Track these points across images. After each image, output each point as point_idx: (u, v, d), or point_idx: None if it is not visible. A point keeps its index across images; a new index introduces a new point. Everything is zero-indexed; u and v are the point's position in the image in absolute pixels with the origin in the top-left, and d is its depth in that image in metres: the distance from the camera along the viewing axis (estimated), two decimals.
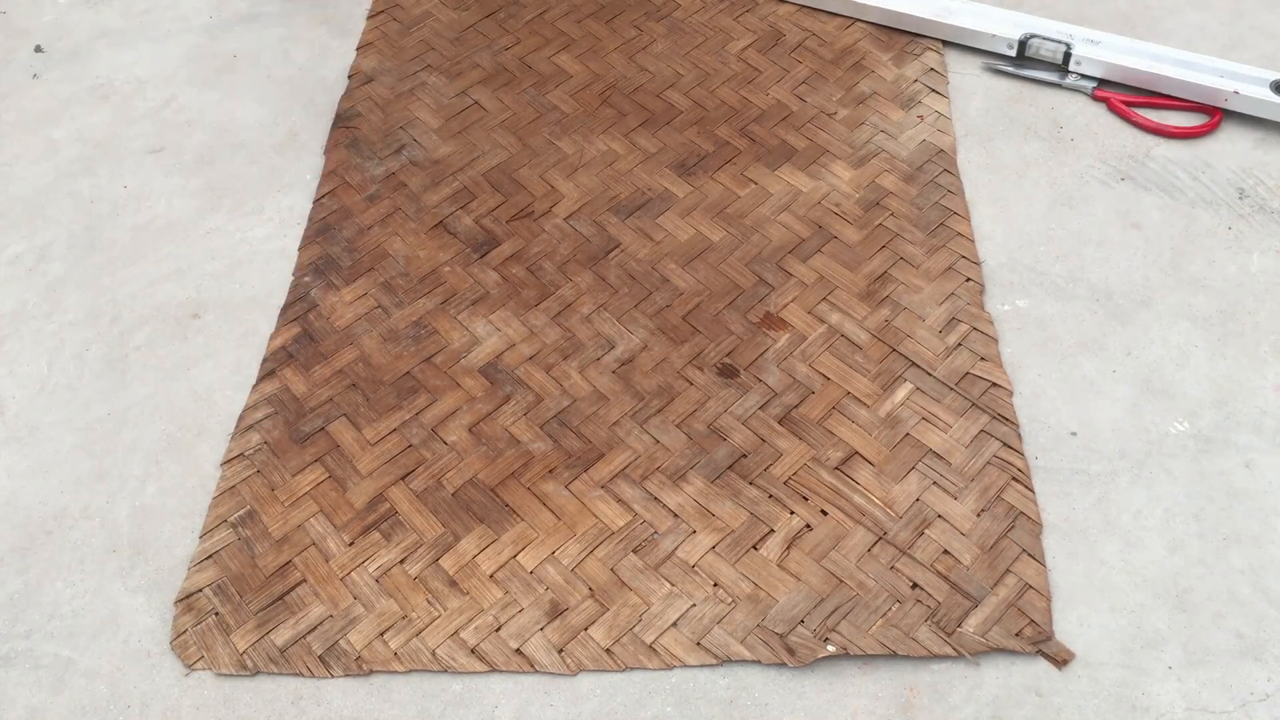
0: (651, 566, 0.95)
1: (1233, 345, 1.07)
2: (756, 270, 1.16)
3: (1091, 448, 1.01)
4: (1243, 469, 0.98)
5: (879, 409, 1.05)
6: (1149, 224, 1.18)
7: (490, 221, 1.23)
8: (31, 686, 0.92)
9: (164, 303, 1.19)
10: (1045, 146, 1.27)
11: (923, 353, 1.08)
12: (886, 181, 1.23)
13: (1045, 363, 1.07)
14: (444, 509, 1.00)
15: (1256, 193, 1.20)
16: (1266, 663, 0.87)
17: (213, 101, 1.42)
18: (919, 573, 0.94)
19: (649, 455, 1.03)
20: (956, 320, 1.11)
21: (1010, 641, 0.89)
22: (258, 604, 0.94)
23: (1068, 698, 0.86)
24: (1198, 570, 0.92)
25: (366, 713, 0.88)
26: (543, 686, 0.89)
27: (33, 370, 1.14)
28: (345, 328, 1.14)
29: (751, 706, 0.87)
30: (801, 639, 0.90)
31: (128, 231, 1.27)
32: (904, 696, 0.87)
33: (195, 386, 1.11)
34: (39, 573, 0.99)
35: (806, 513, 0.98)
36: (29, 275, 1.23)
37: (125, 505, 1.03)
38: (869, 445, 1.02)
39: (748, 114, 1.32)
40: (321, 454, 1.04)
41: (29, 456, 1.07)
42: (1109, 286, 1.13)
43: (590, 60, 1.40)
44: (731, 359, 1.09)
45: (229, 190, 1.30)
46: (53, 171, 1.34)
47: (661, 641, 0.91)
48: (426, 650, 0.91)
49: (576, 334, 1.12)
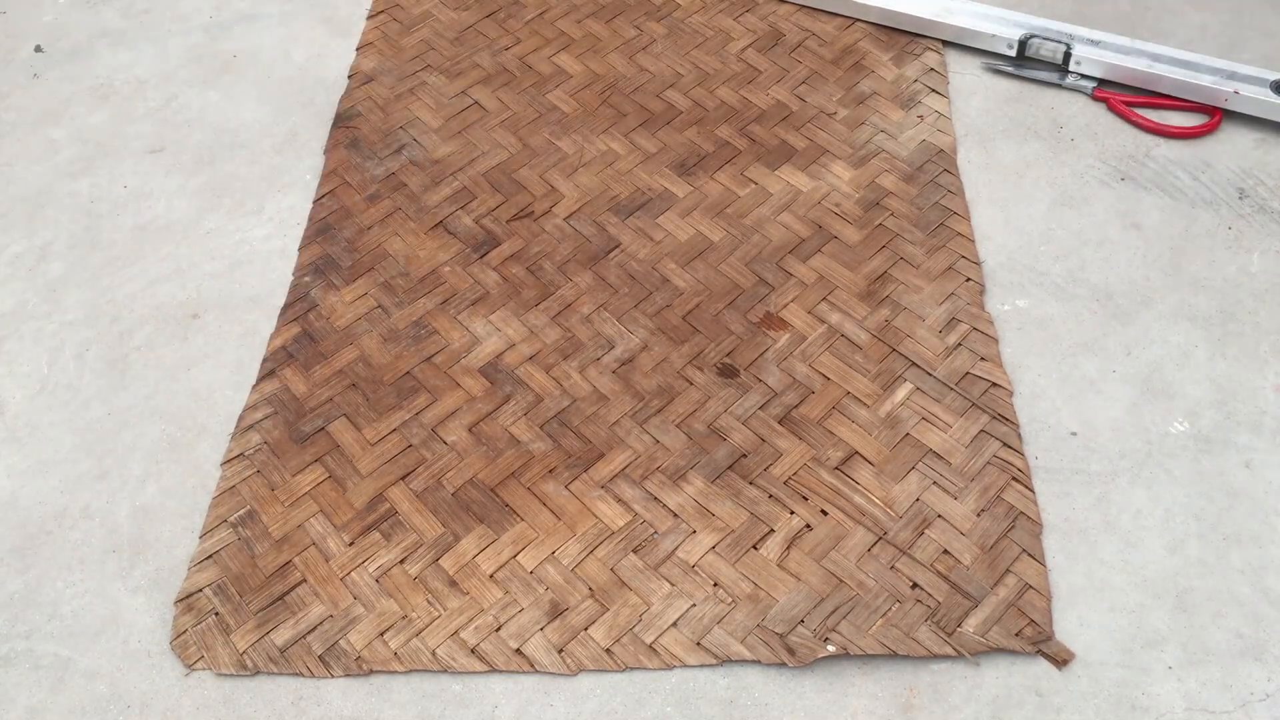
0: (651, 566, 0.95)
1: (1233, 345, 1.07)
2: (756, 270, 1.16)
3: (1091, 448, 1.01)
4: (1243, 469, 0.98)
5: (879, 409, 1.05)
6: (1149, 224, 1.18)
7: (490, 221, 1.23)
8: (31, 686, 0.92)
9: (164, 303, 1.19)
10: (1045, 146, 1.27)
11: (923, 352, 1.08)
12: (886, 181, 1.23)
13: (1045, 363, 1.07)
14: (444, 509, 1.00)
15: (1256, 193, 1.20)
16: (1266, 663, 0.87)
17: (213, 101, 1.42)
18: (919, 573, 0.94)
19: (649, 455, 1.03)
20: (956, 320, 1.11)
21: (1010, 641, 0.89)
22: (258, 604, 0.94)
23: (1068, 698, 0.86)
24: (1198, 570, 0.92)
25: (366, 713, 0.88)
26: (543, 687, 0.89)
27: (33, 370, 1.14)
28: (345, 328, 1.14)
29: (751, 706, 0.87)
30: (801, 639, 0.90)
31: (128, 231, 1.27)
32: (904, 696, 0.87)
33: (195, 386, 1.11)
34: (39, 573, 0.99)
35: (806, 513, 0.98)
36: (29, 275, 1.23)
37: (125, 505, 1.03)
38: (869, 445, 1.02)
39: (748, 114, 1.32)
40: (321, 454, 1.04)
41: (29, 456, 1.07)
42: (1109, 286, 1.13)
43: (590, 60, 1.40)
44: (731, 359, 1.09)
45: (229, 190, 1.30)
46: (53, 171, 1.34)
47: (661, 641, 0.91)
48: (426, 650, 0.91)
49: (576, 334, 1.12)
